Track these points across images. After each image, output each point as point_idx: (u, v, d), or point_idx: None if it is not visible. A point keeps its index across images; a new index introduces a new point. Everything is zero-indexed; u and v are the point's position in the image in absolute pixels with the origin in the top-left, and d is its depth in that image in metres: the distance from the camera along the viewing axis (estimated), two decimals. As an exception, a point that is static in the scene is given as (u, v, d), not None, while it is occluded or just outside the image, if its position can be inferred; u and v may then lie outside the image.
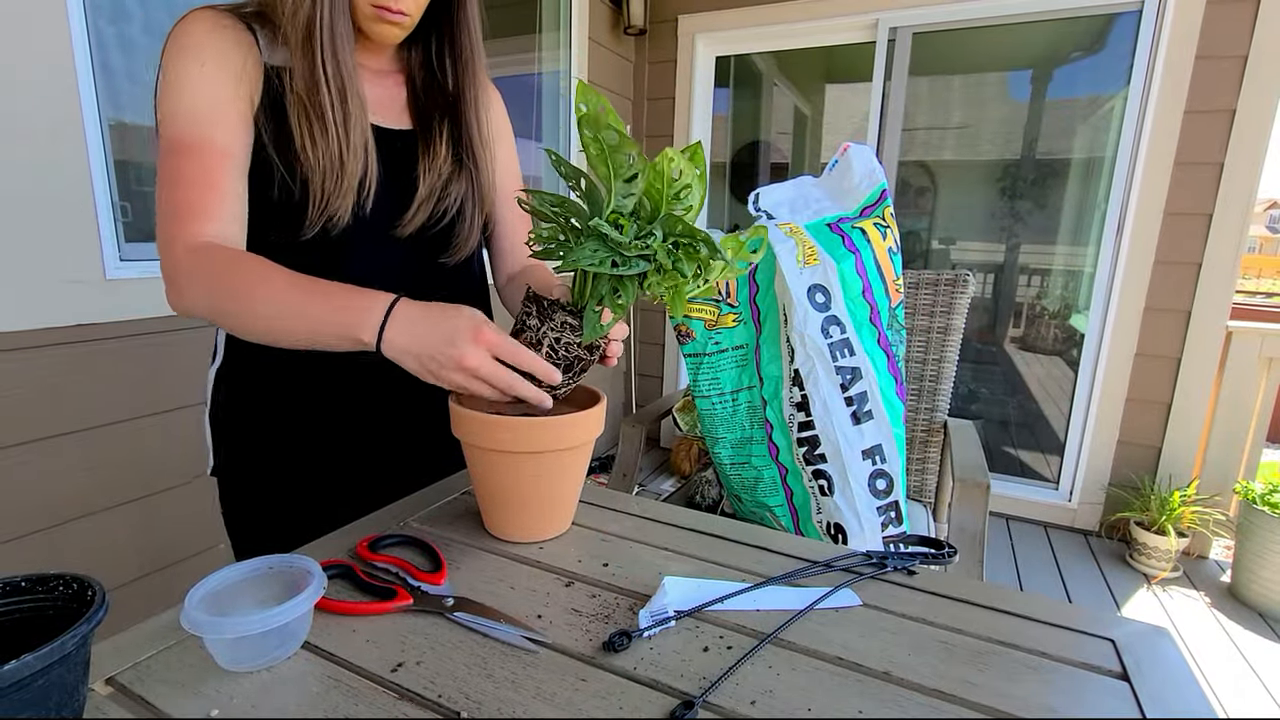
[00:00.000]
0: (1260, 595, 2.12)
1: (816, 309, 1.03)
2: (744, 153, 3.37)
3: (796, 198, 1.19)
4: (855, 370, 1.04)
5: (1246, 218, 2.29)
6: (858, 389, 1.04)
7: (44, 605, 0.41)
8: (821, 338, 1.03)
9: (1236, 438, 2.40)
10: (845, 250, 1.07)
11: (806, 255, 1.05)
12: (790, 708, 0.45)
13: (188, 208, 0.67)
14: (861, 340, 1.05)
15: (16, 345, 1.20)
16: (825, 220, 1.13)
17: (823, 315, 1.04)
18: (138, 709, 0.44)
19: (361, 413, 0.83)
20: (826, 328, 1.03)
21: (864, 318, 1.06)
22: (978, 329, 2.97)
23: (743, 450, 1.18)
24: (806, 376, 1.04)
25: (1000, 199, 2.81)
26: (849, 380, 1.03)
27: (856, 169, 1.17)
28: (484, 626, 0.53)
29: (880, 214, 1.12)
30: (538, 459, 0.65)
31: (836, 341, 1.03)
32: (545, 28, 2.77)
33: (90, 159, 1.28)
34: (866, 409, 1.04)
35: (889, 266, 1.10)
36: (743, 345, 1.14)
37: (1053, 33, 2.60)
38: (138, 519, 1.43)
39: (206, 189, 0.68)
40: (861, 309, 1.06)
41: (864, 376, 1.04)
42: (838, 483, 1.04)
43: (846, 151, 1.19)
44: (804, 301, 1.03)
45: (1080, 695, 0.48)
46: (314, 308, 0.63)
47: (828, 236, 1.09)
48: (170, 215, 0.67)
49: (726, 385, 1.16)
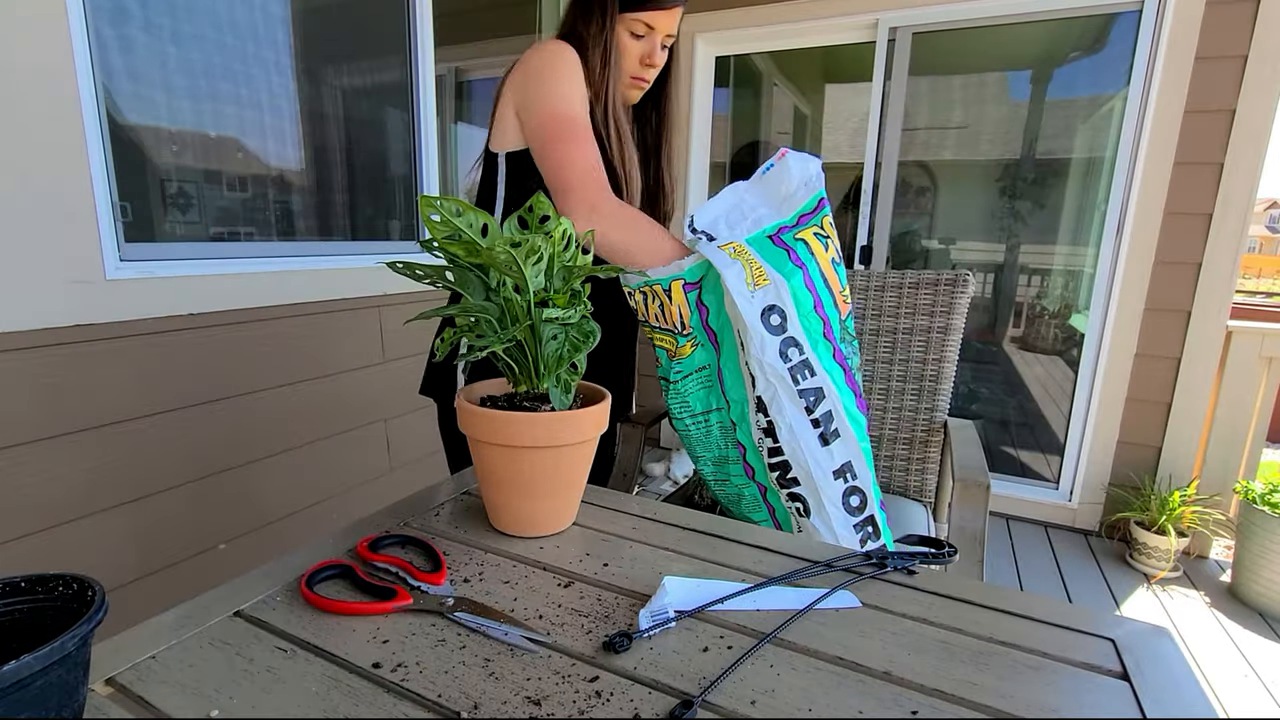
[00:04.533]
0: (1260, 595, 2.12)
1: (773, 332, 1.00)
2: (744, 153, 3.37)
3: (732, 208, 1.16)
4: (818, 391, 1.01)
5: (1246, 218, 2.29)
6: (823, 410, 1.02)
7: (44, 606, 0.41)
8: (781, 363, 1.00)
9: (1236, 437, 2.40)
10: (793, 266, 1.03)
11: (756, 277, 1.01)
12: (790, 708, 0.45)
13: (596, 170, 0.97)
14: (820, 358, 1.02)
15: (16, 345, 1.20)
16: (765, 231, 1.09)
17: (780, 338, 1.00)
18: (137, 709, 0.44)
19: None
20: (785, 350, 1.00)
21: (819, 334, 1.04)
22: (978, 329, 2.97)
23: (722, 469, 1.17)
24: (770, 403, 1.01)
25: (1000, 199, 2.81)
26: (813, 402, 1.01)
27: (795, 175, 1.12)
28: (484, 626, 0.53)
29: (819, 223, 1.09)
30: (541, 454, 0.65)
31: (797, 364, 1.00)
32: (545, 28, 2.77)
33: (90, 159, 1.28)
34: (833, 428, 1.02)
35: (834, 278, 1.07)
36: (706, 365, 1.12)
37: (1053, 33, 2.60)
38: (138, 519, 1.43)
39: (596, 159, 0.97)
40: (816, 325, 1.04)
41: (827, 396, 1.02)
42: (813, 504, 1.03)
43: (785, 157, 1.16)
44: (759, 327, 1.00)
45: (1080, 695, 0.48)
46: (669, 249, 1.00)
47: (772, 251, 1.06)
48: (581, 169, 0.95)
49: (697, 407, 1.14)
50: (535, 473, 0.67)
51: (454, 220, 0.59)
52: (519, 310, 0.64)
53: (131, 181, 1.43)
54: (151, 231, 1.51)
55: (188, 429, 1.49)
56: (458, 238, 0.61)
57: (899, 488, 1.47)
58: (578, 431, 0.66)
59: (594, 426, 0.68)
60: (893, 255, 2.95)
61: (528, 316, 0.64)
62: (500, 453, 0.66)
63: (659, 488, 3.00)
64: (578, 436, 0.66)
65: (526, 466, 0.66)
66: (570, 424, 0.66)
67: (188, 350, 1.48)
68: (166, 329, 1.43)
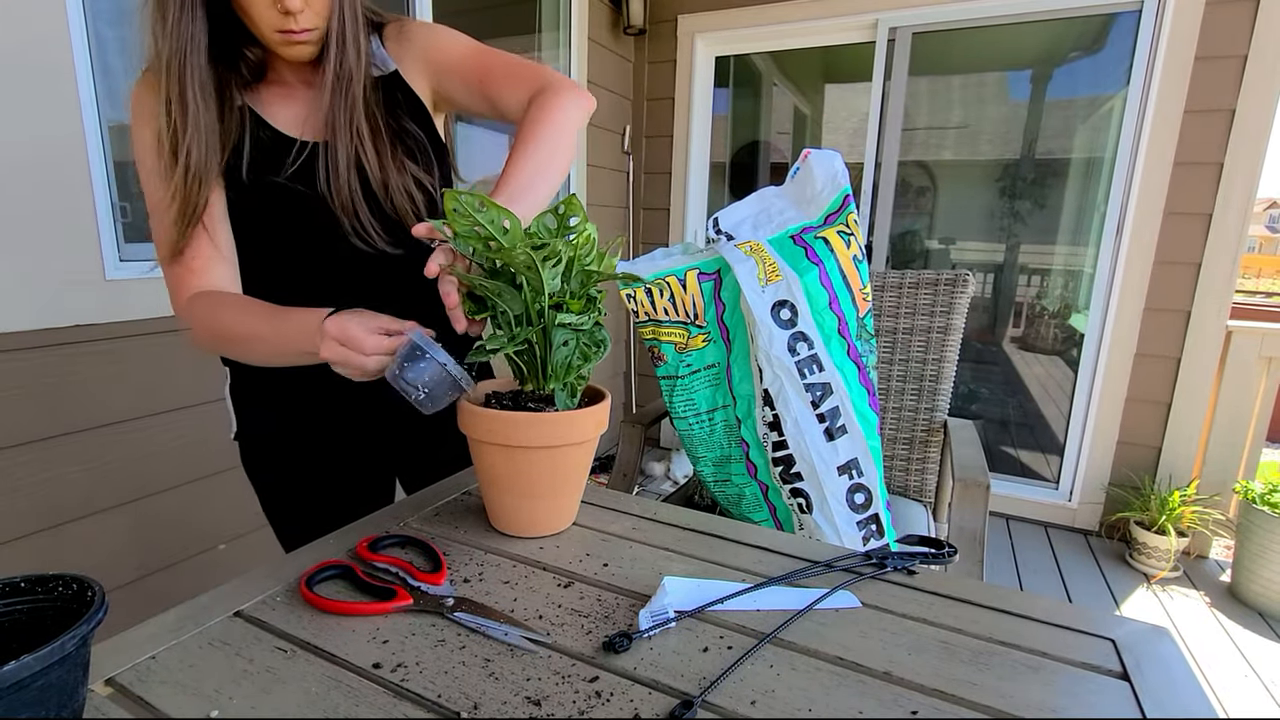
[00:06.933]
0: (1260, 595, 2.12)
1: (781, 326, 1.02)
2: (744, 153, 3.37)
3: (759, 212, 1.17)
4: (826, 386, 1.02)
5: (1246, 217, 2.29)
6: (829, 405, 1.02)
7: (44, 606, 0.41)
8: (789, 356, 1.01)
9: (1236, 437, 2.40)
10: (809, 263, 1.04)
11: (768, 273, 1.03)
12: (790, 708, 0.45)
13: (179, 262, 0.78)
14: (831, 354, 1.03)
15: (16, 345, 1.20)
16: (789, 232, 1.10)
17: (788, 332, 1.02)
18: (137, 709, 0.44)
19: (353, 413, 0.91)
20: (793, 345, 1.01)
21: (832, 330, 1.04)
22: (978, 329, 2.97)
23: (723, 469, 1.17)
24: (776, 396, 1.02)
25: (1000, 199, 2.81)
26: (819, 397, 1.02)
27: (818, 175, 1.13)
28: (484, 626, 0.53)
29: (844, 220, 1.09)
30: (541, 454, 0.65)
31: (804, 358, 1.01)
32: (545, 27, 2.77)
33: (90, 159, 1.28)
34: (839, 424, 1.03)
35: (855, 275, 1.08)
36: (715, 364, 1.12)
37: (1053, 33, 2.59)
38: (138, 519, 1.43)
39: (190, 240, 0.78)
40: (829, 321, 1.04)
41: (835, 391, 1.02)
42: (815, 500, 1.04)
43: (808, 158, 1.17)
44: (768, 321, 1.01)
45: (1080, 695, 0.48)
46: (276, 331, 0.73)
47: (790, 249, 1.07)
48: (164, 270, 0.80)
49: (702, 405, 1.15)
50: (535, 473, 0.66)
51: (475, 214, 0.59)
52: (532, 311, 0.63)
53: (131, 182, 1.43)
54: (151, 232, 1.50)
55: (188, 429, 1.49)
56: (478, 233, 0.61)
57: (899, 488, 1.47)
58: (578, 432, 0.66)
59: (594, 427, 0.68)
60: (893, 255, 2.95)
61: (540, 320, 0.64)
62: (500, 453, 0.65)
63: (659, 488, 3.00)
64: (578, 437, 0.66)
65: (526, 467, 0.66)
66: (570, 424, 0.65)
67: (188, 350, 1.48)
68: (166, 329, 1.43)
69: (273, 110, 0.81)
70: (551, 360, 0.66)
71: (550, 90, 0.79)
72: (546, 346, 0.65)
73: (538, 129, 0.75)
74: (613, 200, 3.19)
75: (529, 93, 0.80)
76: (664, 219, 3.28)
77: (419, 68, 0.86)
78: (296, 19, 0.72)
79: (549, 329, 0.64)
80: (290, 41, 0.74)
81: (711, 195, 3.35)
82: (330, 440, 0.92)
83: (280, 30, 0.73)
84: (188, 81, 0.72)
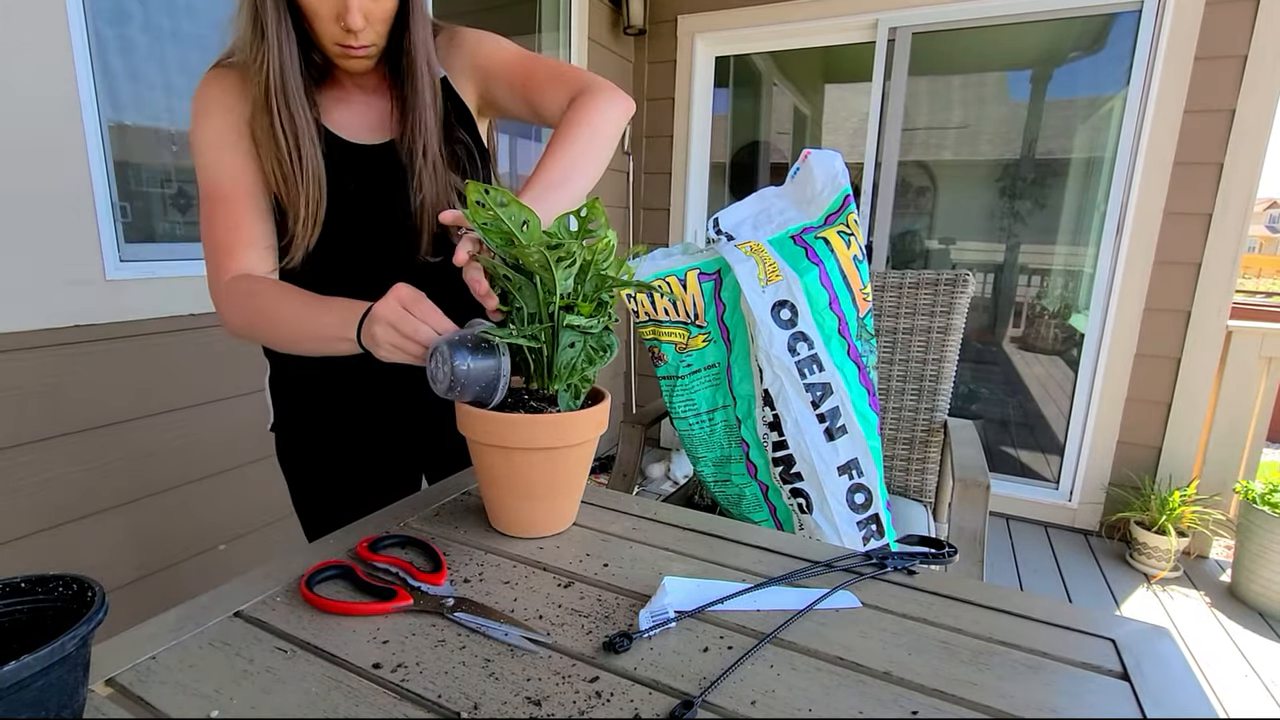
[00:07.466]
0: (1260, 595, 2.12)
1: (781, 326, 1.02)
2: (744, 153, 3.37)
3: (760, 212, 1.16)
4: (826, 386, 1.02)
5: (1246, 217, 2.29)
6: (829, 405, 1.02)
7: (44, 606, 0.41)
8: (788, 356, 1.01)
9: (1236, 437, 2.40)
10: (809, 263, 1.04)
11: (768, 273, 1.03)
12: (790, 708, 0.45)
13: (224, 248, 0.79)
14: (831, 354, 1.03)
15: (16, 345, 1.20)
16: (789, 232, 1.10)
17: (788, 332, 1.02)
18: (137, 710, 0.44)
19: (382, 402, 0.93)
20: (794, 345, 1.02)
21: (832, 330, 1.05)
22: (978, 329, 2.97)
23: (723, 469, 1.17)
24: (776, 396, 1.02)
25: (1000, 199, 2.81)
26: (820, 397, 1.02)
27: (818, 175, 1.13)
28: (484, 626, 0.53)
29: (844, 220, 1.09)
30: (541, 455, 0.65)
31: (805, 358, 1.02)
32: (545, 28, 2.77)
33: (90, 159, 1.28)
34: (840, 424, 1.03)
35: (855, 275, 1.08)
36: (715, 364, 1.12)
37: (1053, 33, 2.59)
38: (138, 519, 1.43)
39: (233, 229, 0.79)
40: (829, 321, 1.05)
41: (835, 391, 1.02)
42: (815, 500, 1.04)
43: (808, 158, 1.17)
44: (768, 321, 1.02)
45: (1080, 695, 0.48)
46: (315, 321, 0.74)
47: (791, 249, 1.07)
48: (209, 254, 0.80)
49: (702, 405, 1.15)
50: (534, 474, 0.66)
51: (496, 209, 0.59)
52: (544, 310, 0.63)
53: (131, 182, 1.43)
54: (151, 232, 1.50)
55: (188, 429, 1.49)
56: (497, 227, 0.61)
57: (899, 488, 1.47)
58: (577, 433, 0.66)
59: (594, 427, 0.68)
60: (893, 255, 2.95)
61: (550, 319, 0.64)
62: (499, 454, 0.65)
63: (659, 488, 3.00)
64: (577, 438, 0.66)
65: (525, 468, 0.66)
66: (569, 426, 0.65)
67: (188, 350, 1.48)
68: (166, 329, 1.43)
69: (330, 116, 0.84)
70: (557, 360, 0.66)
71: (589, 93, 0.82)
72: (553, 346, 0.66)
73: (572, 129, 0.78)
74: (613, 200, 3.19)
75: (569, 95, 0.83)
76: (664, 219, 3.28)
77: (467, 74, 0.89)
78: (357, 35, 0.75)
79: (558, 329, 0.64)
80: (349, 55, 0.78)
81: (711, 195, 3.35)
82: (363, 434, 0.94)
83: (340, 44, 0.77)
84: (292, 89, 0.76)
